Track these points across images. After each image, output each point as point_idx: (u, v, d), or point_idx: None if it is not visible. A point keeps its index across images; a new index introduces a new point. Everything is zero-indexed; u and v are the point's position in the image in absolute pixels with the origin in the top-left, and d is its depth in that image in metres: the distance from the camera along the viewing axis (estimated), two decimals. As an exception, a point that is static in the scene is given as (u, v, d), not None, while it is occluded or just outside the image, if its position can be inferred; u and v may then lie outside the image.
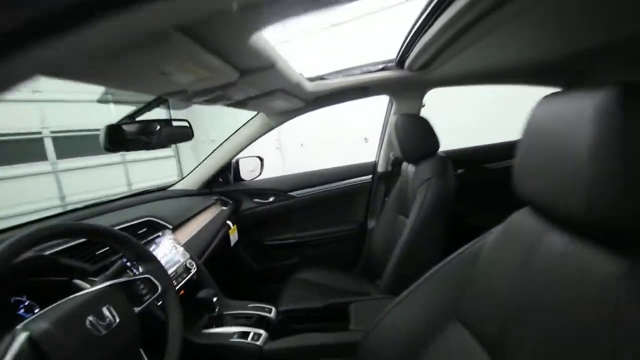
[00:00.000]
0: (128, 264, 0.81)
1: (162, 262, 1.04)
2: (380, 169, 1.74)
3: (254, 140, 1.66)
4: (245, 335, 0.98)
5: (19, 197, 4.07)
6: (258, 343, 0.95)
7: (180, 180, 1.77)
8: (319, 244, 1.80)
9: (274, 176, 1.93)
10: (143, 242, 1.04)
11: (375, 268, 1.50)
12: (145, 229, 1.13)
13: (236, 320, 1.06)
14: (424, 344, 0.61)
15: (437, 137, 1.23)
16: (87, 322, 0.56)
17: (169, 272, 1.03)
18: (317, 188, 1.80)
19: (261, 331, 1.01)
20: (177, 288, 1.04)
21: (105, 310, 0.59)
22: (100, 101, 4.35)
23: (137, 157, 5.57)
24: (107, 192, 4.52)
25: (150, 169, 5.69)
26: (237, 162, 1.87)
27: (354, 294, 1.45)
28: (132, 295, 0.69)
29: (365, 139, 4.96)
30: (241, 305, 1.15)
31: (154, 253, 1.03)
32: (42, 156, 4.46)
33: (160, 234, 1.13)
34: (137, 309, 0.68)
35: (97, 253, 0.85)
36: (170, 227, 1.21)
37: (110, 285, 0.66)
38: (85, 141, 4.79)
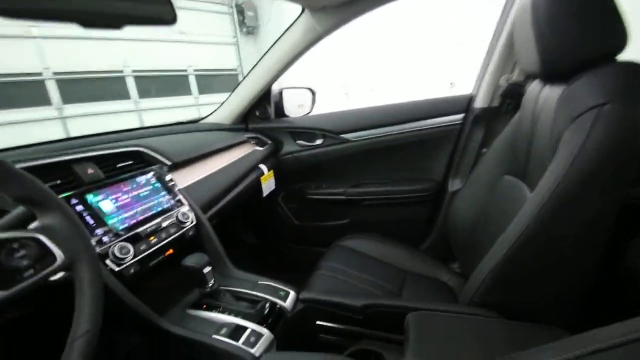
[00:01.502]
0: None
1: (141, 208, 0.74)
2: (479, 103, 1.15)
3: (298, 56, 1.21)
4: (238, 332, 0.65)
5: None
6: (252, 351, 0.61)
7: (212, 113, 1.46)
8: (377, 206, 1.36)
9: (324, 112, 1.48)
10: (117, 178, 0.74)
11: (456, 249, 1.02)
12: (129, 163, 0.83)
13: (237, 303, 0.74)
14: None
15: (623, 24, 0.61)
16: None
17: (149, 224, 0.73)
18: (379, 130, 1.31)
19: (264, 331, 0.66)
20: (161, 246, 0.74)
21: None
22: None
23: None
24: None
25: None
26: (280, 93, 1.47)
27: (416, 278, 1.01)
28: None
29: (452, 83, 4.09)
30: (250, 282, 0.81)
31: (125, 196, 0.72)
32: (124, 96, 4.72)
33: (149, 169, 0.82)
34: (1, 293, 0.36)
35: None
36: (168, 163, 0.89)
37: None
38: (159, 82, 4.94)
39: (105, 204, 0.69)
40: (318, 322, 0.78)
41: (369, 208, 1.37)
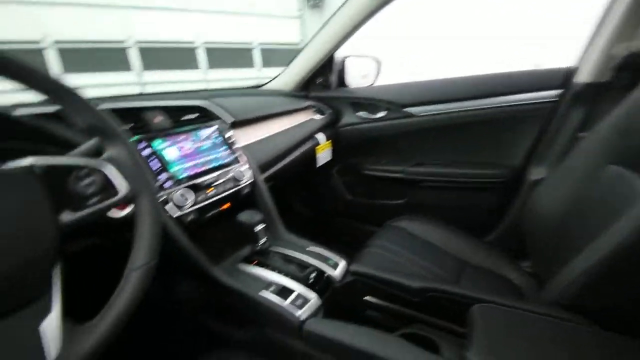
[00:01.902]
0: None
1: (202, 160, 0.75)
2: (583, 77, 0.96)
3: (363, 22, 1.12)
4: (285, 293, 0.63)
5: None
6: (298, 314, 0.59)
7: (273, 79, 1.44)
8: (439, 189, 1.24)
9: (388, 83, 1.37)
10: (182, 128, 0.76)
11: (532, 245, 0.89)
12: (194, 116, 0.84)
13: (286, 264, 0.72)
14: None
15: None
16: None
17: (208, 176, 0.74)
18: (449, 106, 1.18)
19: (312, 295, 0.64)
20: (218, 199, 0.74)
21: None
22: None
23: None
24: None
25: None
26: (343, 61, 1.40)
27: (476, 271, 0.91)
28: (61, 191, 0.38)
29: (536, 65, 3.60)
30: (301, 246, 0.79)
31: (188, 146, 0.73)
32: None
33: (212, 123, 0.83)
34: (65, 217, 0.37)
35: None
36: (230, 120, 0.89)
37: (22, 167, 0.36)
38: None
39: (170, 151, 0.71)
40: (366, 298, 0.73)
41: (429, 190, 1.26)
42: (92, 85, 4.15)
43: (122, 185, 0.43)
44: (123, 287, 0.41)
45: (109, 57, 4.22)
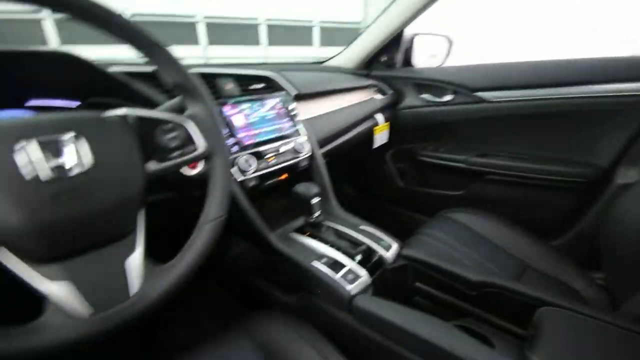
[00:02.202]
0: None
1: (265, 129, 0.77)
2: None
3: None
4: (337, 266, 0.63)
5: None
6: (349, 288, 0.59)
7: (335, 56, 1.41)
8: (505, 183, 1.15)
9: (459, 65, 1.27)
10: (249, 97, 0.78)
11: (609, 256, 0.79)
12: (261, 86, 0.86)
13: (338, 240, 0.72)
14: None
15: None
16: (17, 150, 0.31)
17: (270, 145, 0.76)
18: (530, 92, 1.06)
19: (362, 272, 0.63)
20: (278, 168, 0.76)
21: (66, 145, 0.33)
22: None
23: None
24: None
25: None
26: (412, 39, 1.32)
27: (538, 276, 0.83)
28: (149, 142, 0.41)
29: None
30: (353, 224, 0.79)
31: (254, 114, 0.76)
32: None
33: (277, 94, 0.84)
34: (150, 166, 0.41)
35: None
36: (294, 93, 0.90)
37: (119, 116, 0.40)
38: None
39: (237, 118, 0.74)
40: (417, 284, 0.71)
41: (492, 184, 1.17)
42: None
43: (200, 143, 0.46)
44: (196, 236, 0.44)
45: (177, 32, 4.47)
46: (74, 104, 0.63)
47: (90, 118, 0.37)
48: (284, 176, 0.81)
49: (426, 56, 1.36)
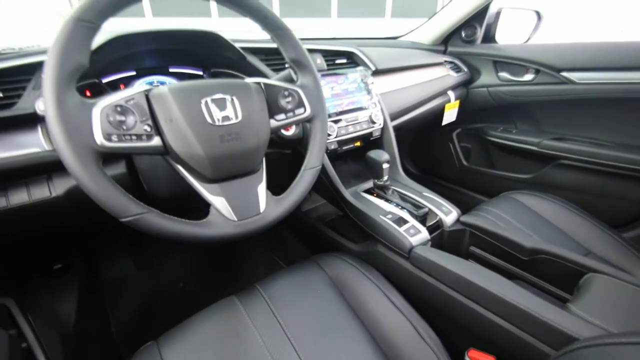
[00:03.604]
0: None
1: (346, 100, 0.88)
2: None
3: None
4: (400, 222, 0.74)
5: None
6: (410, 239, 0.70)
7: (412, 31, 1.43)
8: (579, 169, 1.11)
9: (544, 43, 1.21)
10: (335, 71, 0.89)
11: None
12: (344, 61, 0.96)
13: (403, 201, 0.83)
14: None
15: None
16: (203, 103, 0.46)
17: (349, 115, 0.87)
18: (622, 75, 1.00)
19: (423, 229, 0.73)
20: (355, 136, 0.88)
21: (228, 102, 0.48)
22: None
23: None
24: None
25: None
26: (498, 13, 1.28)
27: (600, 264, 0.84)
28: (272, 104, 0.55)
29: None
30: (417, 190, 0.88)
31: (338, 86, 0.87)
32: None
33: (358, 69, 0.94)
34: (273, 122, 0.55)
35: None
36: (373, 68, 0.98)
37: (255, 83, 0.54)
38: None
39: (325, 90, 0.85)
40: (472, 248, 0.79)
41: (565, 169, 1.15)
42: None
43: (307, 107, 0.58)
44: (300, 179, 0.58)
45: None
46: (199, 71, 0.82)
47: (241, 84, 0.52)
48: (357, 143, 0.92)
49: (510, 32, 1.32)
